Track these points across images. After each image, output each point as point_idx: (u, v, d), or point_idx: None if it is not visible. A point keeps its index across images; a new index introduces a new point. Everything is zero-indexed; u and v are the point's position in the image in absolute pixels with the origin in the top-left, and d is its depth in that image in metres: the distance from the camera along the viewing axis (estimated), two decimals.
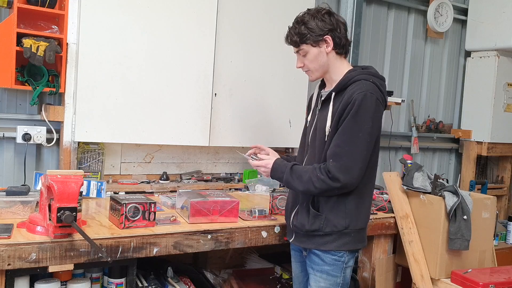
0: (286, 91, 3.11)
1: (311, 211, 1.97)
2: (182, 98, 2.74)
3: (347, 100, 1.86)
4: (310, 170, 1.92)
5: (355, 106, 1.84)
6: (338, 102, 1.91)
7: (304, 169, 1.95)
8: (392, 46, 4.04)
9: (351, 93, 1.87)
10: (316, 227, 1.96)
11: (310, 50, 1.96)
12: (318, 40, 1.93)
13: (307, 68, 2.01)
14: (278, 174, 2.01)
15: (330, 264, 1.98)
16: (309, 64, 1.99)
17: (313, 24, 1.92)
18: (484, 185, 4.19)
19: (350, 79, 1.92)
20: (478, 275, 2.47)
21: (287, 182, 1.97)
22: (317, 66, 1.98)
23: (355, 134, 1.85)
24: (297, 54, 2.02)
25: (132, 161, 2.84)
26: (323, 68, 1.99)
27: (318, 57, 1.96)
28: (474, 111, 4.29)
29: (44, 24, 2.48)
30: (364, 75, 1.93)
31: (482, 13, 4.17)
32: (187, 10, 2.71)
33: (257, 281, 2.80)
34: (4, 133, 2.55)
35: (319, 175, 1.87)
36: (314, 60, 1.97)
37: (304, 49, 1.96)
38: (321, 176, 1.87)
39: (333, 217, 1.94)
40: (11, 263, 1.69)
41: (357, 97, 1.84)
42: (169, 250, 1.99)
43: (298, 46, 1.97)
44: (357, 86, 1.88)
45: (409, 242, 2.61)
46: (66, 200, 1.69)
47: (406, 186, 2.69)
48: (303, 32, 1.93)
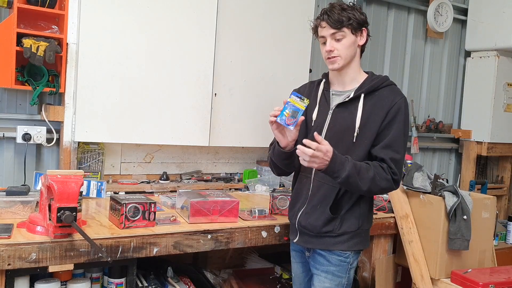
0: (286, 91, 3.08)
1: (326, 213, 1.94)
2: (182, 98, 2.74)
3: (389, 105, 1.91)
4: (371, 168, 1.85)
5: (403, 112, 1.92)
6: (368, 104, 1.93)
7: (363, 166, 1.85)
8: (392, 46, 4.03)
9: (391, 98, 1.93)
10: (329, 228, 1.95)
11: (348, 36, 1.92)
12: (359, 28, 1.94)
13: (338, 53, 1.93)
14: (337, 167, 1.78)
15: (335, 264, 1.98)
16: (342, 49, 1.93)
17: (357, 14, 1.93)
18: (484, 185, 4.19)
19: (382, 83, 1.96)
20: (478, 275, 2.47)
21: (349, 178, 1.79)
22: (348, 54, 1.94)
23: (405, 140, 1.94)
24: (329, 38, 1.93)
25: (132, 161, 2.84)
26: (351, 58, 1.97)
27: (352, 45, 1.95)
28: (474, 111, 4.28)
29: (44, 24, 2.48)
30: (389, 80, 2.00)
31: (482, 13, 4.17)
32: (187, 10, 2.71)
33: (257, 281, 2.80)
34: (4, 133, 2.55)
35: (384, 175, 1.87)
36: (348, 47, 1.93)
37: (344, 32, 1.91)
38: (387, 176, 1.87)
39: (348, 218, 1.95)
40: (11, 263, 1.69)
41: (401, 103, 1.92)
42: (169, 250, 1.99)
43: (339, 27, 1.91)
44: (393, 91, 1.96)
45: (409, 242, 2.61)
46: (66, 200, 1.69)
47: (406, 186, 2.69)
48: (349, 16, 1.90)
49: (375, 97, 1.93)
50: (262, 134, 2.99)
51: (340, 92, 2.02)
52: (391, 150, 1.90)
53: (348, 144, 1.92)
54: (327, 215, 1.94)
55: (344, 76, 2.00)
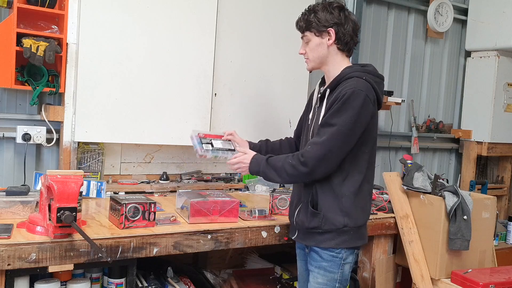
0: (286, 91, 3.10)
1: (309, 209, 1.99)
2: (182, 98, 2.74)
3: (336, 96, 1.90)
4: (282, 158, 1.98)
5: (341, 101, 1.87)
6: (331, 99, 1.94)
7: (277, 158, 2.00)
8: (392, 46, 4.03)
9: (340, 89, 1.91)
10: (315, 224, 1.97)
11: (313, 39, 2.00)
12: (322, 30, 1.97)
13: (307, 56, 2.05)
14: (255, 168, 2.03)
15: (327, 260, 1.99)
16: (309, 52, 2.03)
17: (321, 15, 1.96)
18: (484, 185, 4.19)
19: (344, 76, 1.95)
20: (478, 275, 2.47)
21: (264, 174, 2.01)
22: (315, 56, 2.02)
23: (336, 127, 1.87)
24: (302, 41, 2.06)
25: (132, 161, 2.84)
26: (321, 59, 2.02)
27: (318, 47, 2.00)
28: (474, 111, 4.28)
29: (44, 24, 2.48)
30: (358, 72, 1.95)
31: (482, 13, 4.17)
32: (187, 10, 2.71)
33: (257, 281, 2.80)
34: (4, 133, 2.54)
35: (290, 161, 1.93)
36: (314, 49, 2.01)
37: (308, 36, 2.01)
38: (292, 162, 1.92)
39: (331, 215, 1.95)
40: (11, 263, 1.68)
41: (345, 93, 1.87)
42: (169, 250, 1.99)
43: (302, 32, 2.03)
44: (348, 83, 1.91)
45: (409, 242, 2.61)
46: (66, 200, 1.69)
47: (406, 186, 2.69)
48: (310, 20, 1.98)
49: (336, 91, 1.94)
50: (262, 134, 2.98)
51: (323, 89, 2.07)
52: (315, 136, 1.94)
53: None
54: (310, 210, 1.99)
55: (327, 74, 2.07)
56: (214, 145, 2.19)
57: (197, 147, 2.15)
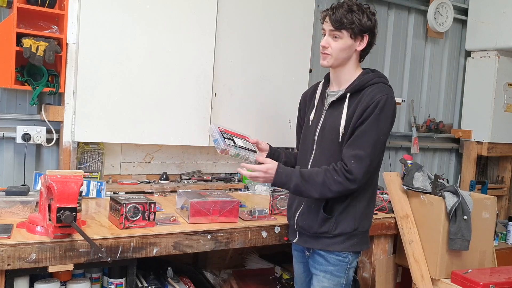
0: (286, 91, 3.10)
1: (321, 214, 1.94)
2: (182, 98, 2.74)
3: (368, 103, 1.86)
4: (322, 172, 1.86)
5: (377, 108, 1.84)
6: (353, 104, 1.90)
7: (313, 172, 1.88)
8: (392, 46, 4.03)
9: (371, 95, 1.87)
10: (325, 229, 1.95)
11: (345, 39, 1.91)
12: (359, 34, 1.92)
13: (330, 51, 1.93)
14: (284, 179, 1.88)
15: (334, 264, 1.98)
16: (336, 49, 1.92)
17: (362, 19, 1.91)
18: (484, 185, 4.19)
19: (368, 81, 1.92)
20: (478, 275, 2.47)
21: (297, 188, 1.88)
22: (341, 56, 1.94)
23: (376, 136, 1.85)
24: (328, 34, 1.94)
25: (132, 161, 2.84)
26: (343, 60, 1.95)
27: (348, 49, 1.93)
28: (474, 111, 4.28)
29: (44, 24, 2.48)
30: (380, 78, 1.94)
31: (482, 13, 4.16)
32: (187, 10, 2.71)
33: (257, 281, 2.80)
34: (4, 133, 2.54)
35: (336, 177, 1.84)
36: (343, 49, 1.92)
37: (341, 34, 1.91)
38: (339, 179, 1.84)
39: (343, 220, 1.94)
40: (11, 263, 1.68)
41: (380, 100, 1.85)
42: (169, 250, 1.99)
43: (339, 28, 1.90)
44: (377, 89, 1.89)
45: (409, 242, 2.61)
46: (66, 200, 1.69)
47: (406, 186, 2.69)
48: (353, 20, 1.88)
49: (360, 96, 1.90)
50: (262, 134, 2.98)
51: (334, 92, 2.02)
52: (353, 147, 1.85)
53: (335, 144, 1.93)
54: (322, 215, 1.94)
55: (339, 76, 2.00)
56: (236, 142, 2.05)
57: (219, 140, 1.99)
